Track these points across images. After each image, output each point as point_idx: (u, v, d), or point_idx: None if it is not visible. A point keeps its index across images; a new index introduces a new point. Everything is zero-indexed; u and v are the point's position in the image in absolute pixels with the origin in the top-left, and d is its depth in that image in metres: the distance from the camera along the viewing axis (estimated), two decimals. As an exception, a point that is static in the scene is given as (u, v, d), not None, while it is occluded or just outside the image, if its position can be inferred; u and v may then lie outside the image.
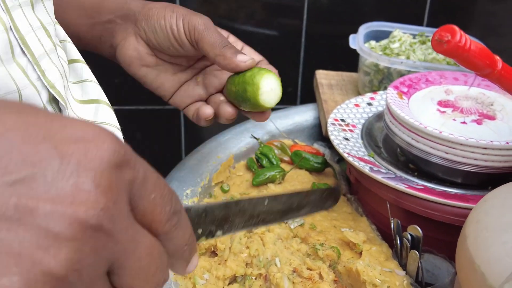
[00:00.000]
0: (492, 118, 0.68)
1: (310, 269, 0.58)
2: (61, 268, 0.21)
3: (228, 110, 0.62)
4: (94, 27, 0.63)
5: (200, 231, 0.35)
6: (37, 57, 0.43)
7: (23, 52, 0.41)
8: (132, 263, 0.24)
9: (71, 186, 0.22)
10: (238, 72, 0.59)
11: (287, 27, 1.17)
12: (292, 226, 0.66)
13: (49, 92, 0.44)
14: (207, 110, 0.62)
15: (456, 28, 0.42)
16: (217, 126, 0.71)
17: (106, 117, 0.51)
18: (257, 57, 0.66)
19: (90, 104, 0.51)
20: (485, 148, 0.60)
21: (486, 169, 0.61)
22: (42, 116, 0.23)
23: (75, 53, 0.53)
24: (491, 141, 0.59)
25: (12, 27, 0.41)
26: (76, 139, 0.23)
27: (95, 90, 0.52)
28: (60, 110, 0.47)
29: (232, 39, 0.66)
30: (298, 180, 0.77)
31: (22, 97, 0.40)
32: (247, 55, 0.59)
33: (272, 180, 0.75)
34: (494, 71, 0.46)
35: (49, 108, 0.44)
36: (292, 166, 0.79)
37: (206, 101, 0.66)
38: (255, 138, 0.84)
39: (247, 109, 0.61)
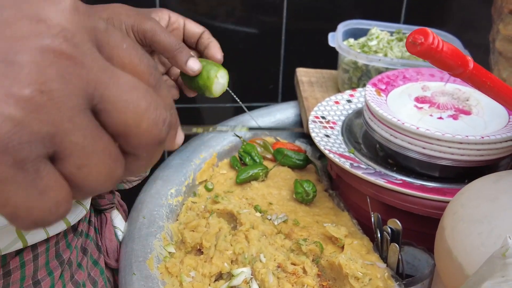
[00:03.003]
0: (467, 113, 0.70)
1: (294, 264, 0.60)
2: (24, 89, 0.21)
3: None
4: None
5: None
6: None
7: None
8: (115, 93, 0.24)
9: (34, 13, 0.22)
10: None
11: (267, 25, 1.18)
12: (276, 223, 0.67)
13: None
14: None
15: (429, 30, 0.44)
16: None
17: None
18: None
19: None
20: (461, 143, 0.61)
21: (462, 163, 0.63)
22: None
23: None
24: (467, 136, 0.61)
25: None
26: None
27: None
28: None
29: (207, 35, 0.71)
30: (281, 177, 0.78)
31: None
32: (197, 61, 0.66)
33: (255, 178, 0.76)
34: (466, 70, 0.48)
35: None
36: (275, 164, 0.80)
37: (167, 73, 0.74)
38: (237, 136, 0.85)
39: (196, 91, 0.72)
